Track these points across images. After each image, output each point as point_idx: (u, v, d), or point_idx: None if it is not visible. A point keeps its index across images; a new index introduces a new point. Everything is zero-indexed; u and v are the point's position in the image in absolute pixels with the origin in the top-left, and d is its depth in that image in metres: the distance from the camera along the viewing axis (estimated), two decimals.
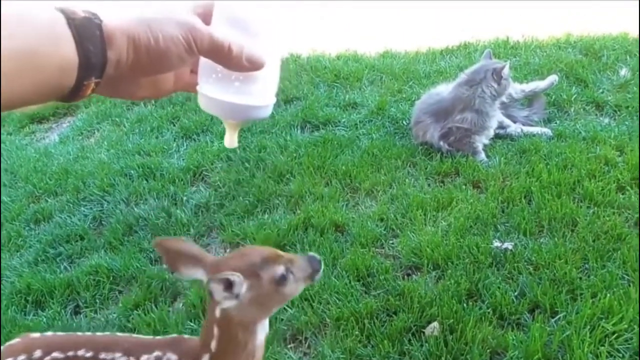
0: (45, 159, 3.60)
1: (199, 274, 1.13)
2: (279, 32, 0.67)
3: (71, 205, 3.05)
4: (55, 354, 1.24)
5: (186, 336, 1.34)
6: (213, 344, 1.17)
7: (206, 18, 0.63)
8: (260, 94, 0.68)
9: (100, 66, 0.54)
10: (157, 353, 1.24)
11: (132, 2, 0.60)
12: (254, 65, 0.63)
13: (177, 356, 1.23)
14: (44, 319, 2.28)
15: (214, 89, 0.66)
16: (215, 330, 1.16)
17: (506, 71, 2.95)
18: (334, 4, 5.76)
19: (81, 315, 2.34)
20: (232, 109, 0.67)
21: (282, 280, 1.13)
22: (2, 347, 1.29)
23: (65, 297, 2.42)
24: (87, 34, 0.52)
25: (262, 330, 1.20)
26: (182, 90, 0.73)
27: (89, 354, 1.25)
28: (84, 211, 2.98)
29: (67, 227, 2.86)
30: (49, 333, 1.39)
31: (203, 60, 0.65)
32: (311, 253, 1.21)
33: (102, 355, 1.25)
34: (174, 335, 1.39)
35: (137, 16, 0.57)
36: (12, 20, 0.48)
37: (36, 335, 1.33)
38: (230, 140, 0.73)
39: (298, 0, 5.52)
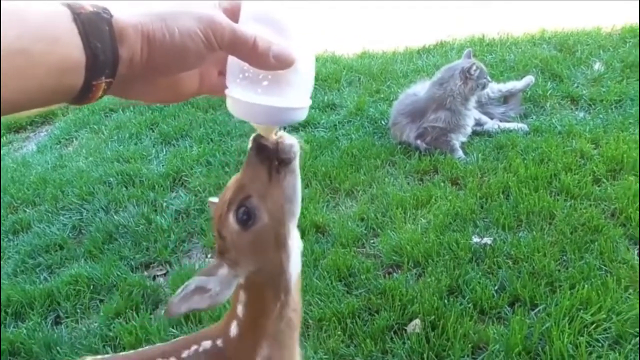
0: (23, 169, 3.56)
1: None
2: (310, 31, 0.63)
3: (50, 214, 3.02)
4: None
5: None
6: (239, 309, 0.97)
7: (233, 15, 0.58)
8: (291, 95, 0.62)
9: (111, 64, 0.50)
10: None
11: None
12: (283, 63, 0.58)
13: (210, 340, 1.09)
14: (24, 331, 2.26)
15: (240, 90, 0.60)
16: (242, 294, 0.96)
17: (472, 71, 2.97)
18: (310, 6, 5.76)
19: (62, 326, 2.31)
20: (260, 111, 0.61)
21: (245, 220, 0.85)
22: None
23: (46, 308, 2.39)
24: (95, 30, 0.48)
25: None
26: (208, 94, 0.67)
27: None
28: (63, 220, 2.95)
29: (46, 236, 2.83)
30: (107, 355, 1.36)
31: (231, 60, 0.60)
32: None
33: None
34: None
35: (151, 11, 0.53)
36: (3, 18, 0.44)
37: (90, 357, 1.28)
38: None
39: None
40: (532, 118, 3.26)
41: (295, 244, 0.91)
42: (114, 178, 3.21)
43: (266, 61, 0.57)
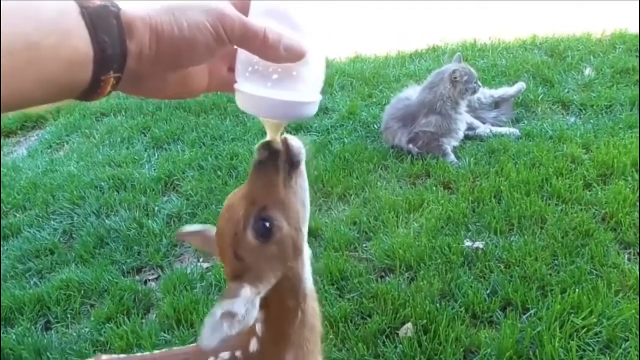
0: (13, 174, 3.53)
1: None
2: (319, 25, 0.61)
3: (40, 219, 3.00)
4: None
5: None
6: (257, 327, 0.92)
7: (243, 10, 0.57)
8: (302, 88, 0.60)
9: (119, 59, 0.49)
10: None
11: None
12: (294, 55, 0.57)
13: (229, 351, 1.04)
14: (14, 336, 2.24)
15: (250, 84, 0.59)
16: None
17: (457, 75, 2.98)
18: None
19: (52, 331, 2.29)
20: (269, 105, 0.59)
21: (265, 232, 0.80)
22: None
23: (36, 313, 2.37)
24: (102, 24, 0.48)
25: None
26: (217, 89, 0.66)
27: None
28: (53, 225, 2.93)
29: (37, 241, 2.80)
30: (122, 355, 1.32)
31: (240, 54, 0.60)
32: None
33: None
34: None
35: (160, 4, 0.52)
36: (12, 11, 0.43)
37: (106, 356, 1.25)
38: None
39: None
40: (523, 123, 3.28)
41: (307, 248, 0.89)
42: (106, 182, 3.19)
43: (276, 53, 0.56)
